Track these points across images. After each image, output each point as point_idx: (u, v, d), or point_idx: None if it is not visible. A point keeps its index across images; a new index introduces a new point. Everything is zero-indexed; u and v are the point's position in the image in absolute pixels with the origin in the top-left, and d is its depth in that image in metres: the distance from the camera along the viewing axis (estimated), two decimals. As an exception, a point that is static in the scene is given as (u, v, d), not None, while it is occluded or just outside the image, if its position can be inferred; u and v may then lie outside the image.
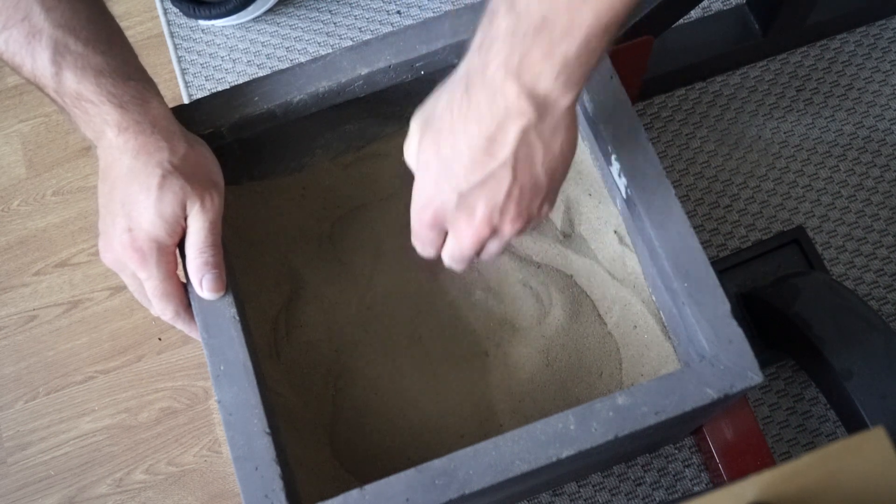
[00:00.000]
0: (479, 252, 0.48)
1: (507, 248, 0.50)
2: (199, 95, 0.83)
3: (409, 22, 0.95)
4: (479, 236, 0.46)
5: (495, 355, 0.64)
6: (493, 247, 0.48)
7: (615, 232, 0.63)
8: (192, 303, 0.53)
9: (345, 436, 0.61)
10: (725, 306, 0.51)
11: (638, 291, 0.62)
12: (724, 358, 0.49)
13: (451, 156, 0.43)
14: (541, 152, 0.42)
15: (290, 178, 0.68)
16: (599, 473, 0.77)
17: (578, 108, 0.61)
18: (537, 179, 0.43)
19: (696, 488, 0.76)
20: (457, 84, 0.42)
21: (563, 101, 0.41)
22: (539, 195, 0.44)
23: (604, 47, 0.39)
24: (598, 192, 0.64)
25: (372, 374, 0.63)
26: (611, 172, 0.57)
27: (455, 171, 0.43)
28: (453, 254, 0.48)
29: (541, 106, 0.40)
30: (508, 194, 0.43)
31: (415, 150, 0.47)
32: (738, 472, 0.65)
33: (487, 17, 0.40)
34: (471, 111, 0.41)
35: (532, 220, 0.46)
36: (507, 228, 0.45)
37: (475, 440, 0.49)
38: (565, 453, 0.47)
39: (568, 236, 0.65)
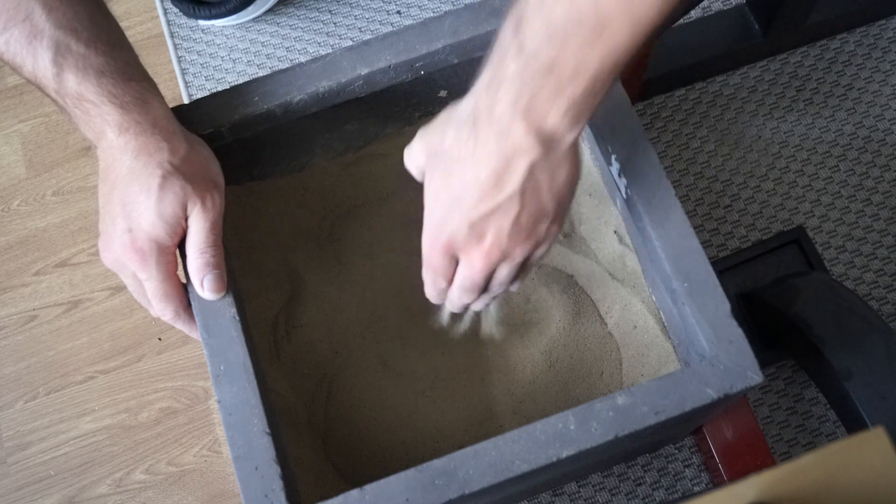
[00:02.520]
0: (489, 279, 0.49)
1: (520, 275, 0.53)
2: (199, 95, 0.83)
3: (409, 22, 0.95)
4: (490, 259, 0.47)
5: (496, 356, 0.64)
6: (503, 272, 0.49)
7: (615, 232, 0.63)
8: (192, 303, 0.53)
9: (337, 438, 0.61)
10: (725, 306, 0.51)
11: (638, 291, 0.62)
12: (724, 358, 0.49)
13: (460, 188, 0.45)
14: (547, 183, 0.44)
15: (290, 178, 0.68)
16: (599, 473, 0.77)
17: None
18: (544, 206, 0.45)
19: (696, 488, 0.76)
20: (465, 120, 0.44)
21: (569, 136, 0.42)
22: (546, 219, 0.46)
23: (610, 85, 0.41)
24: (598, 192, 0.64)
25: (369, 375, 0.63)
26: (611, 172, 0.57)
27: (465, 202, 0.45)
28: (464, 281, 0.50)
29: (547, 142, 0.42)
30: (516, 221, 0.45)
31: (418, 162, 0.49)
32: (738, 472, 0.65)
33: (497, 57, 0.42)
34: (479, 147, 0.43)
35: (541, 243, 0.48)
36: (517, 251, 0.47)
37: (475, 441, 0.49)
38: (565, 453, 0.47)
39: (568, 236, 0.65)
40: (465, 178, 0.44)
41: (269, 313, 0.64)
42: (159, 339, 0.85)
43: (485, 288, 0.51)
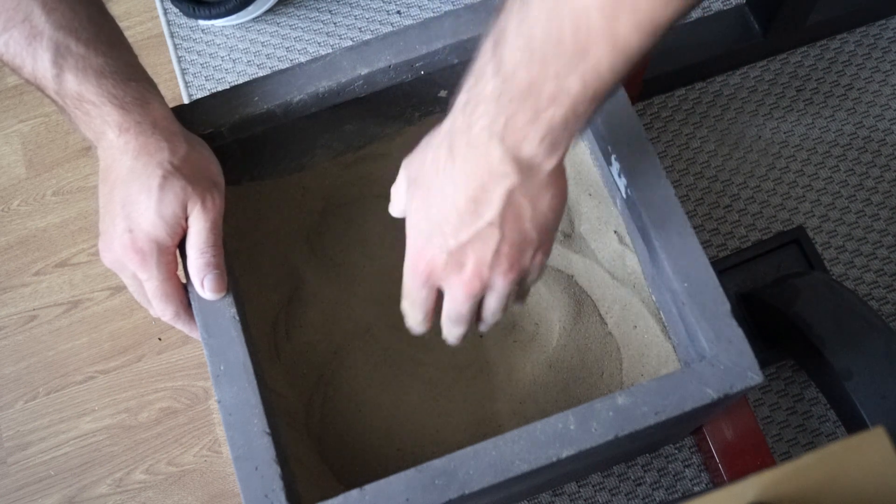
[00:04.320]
0: (477, 310, 0.48)
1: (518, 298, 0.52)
2: (199, 95, 0.83)
3: (409, 22, 0.95)
4: (471, 290, 0.45)
5: (496, 356, 0.64)
6: (491, 302, 0.47)
7: (615, 232, 0.63)
8: (192, 303, 0.53)
9: (333, 438, 0.61)
10: (725, 306, 0.51)
11: (638, 291, 0.62)
12: (724, 358, 0.49)
13: (438, 215, 0.43)
14: (529, 210, 0.42)
15: (290, 178, 0.68)
16: (599, 473, 0.77)
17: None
18: (527, 235, 0.43)
19: (696, 488, 0.76)
20: (441, 142, 0.42)
21: (548, 163, 0.41)
22: (530, 248, 0.44)
23: (592, 113, 0.39)
24: (598, 192, 0.64)
25: (368, 375, 0.63)
26: (611, 172, 0.57)
27: (443, 231, 0.43)
28: (450, 312, 0.48)
29: (525, 168, 0.40)
30: (497, 251, 0.43)
31: (402, 198, 0.48)
32: (738, 472, 0.65)
33: (474, 77, 0.40)
34: (455, 171, 0.41)
35: (527, 272, 0.46)
36: (500, 281, 0.45)
37: (474, 442, 0.49)
38: (565, 453, 0.47)
39: (568, 236, 0.65)
40: (443, 205, 0.43)
41: (269, 313, 0.64)
42: (159, 339, 0.85)
43: (479, 316, 0.49)
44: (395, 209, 0.50)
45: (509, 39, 0.37)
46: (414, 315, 0.50)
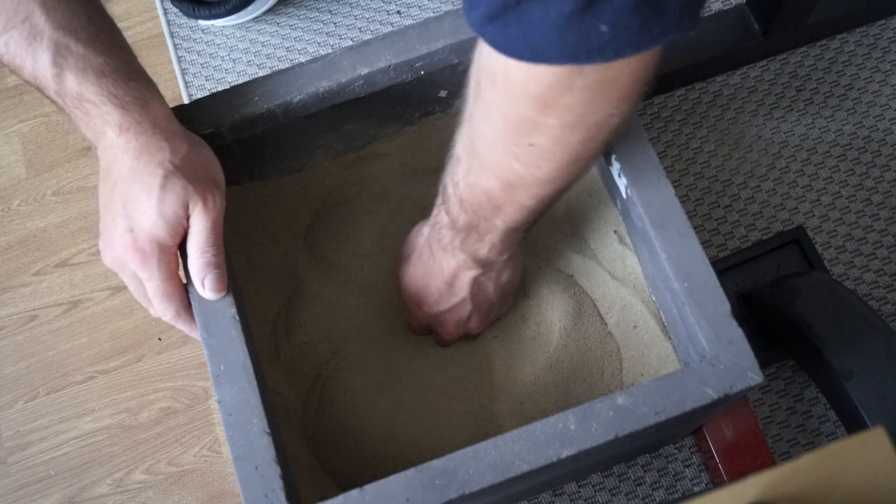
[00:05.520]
0: (454, 340, 0.64)
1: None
2: (199, 95, 0.83)
3: (409, 22, 0.95)
4: (452, 337, 0.63)
5: (496, 356, 0.64)
6: (472, 333, 0.63)
7: (615, 232, 0.63)
8: (193, 303, 0.53)
9: (328, 439, 0.61)
10: (725, 306, 0.51)
11: (638, 291, 0.62)
12: (724, 358, 0.49)
13: (424, 290, 0.59)
14: (491, 286, 0.58)
15: (290, 178, 0.68)
16: (599, 473, 0.77)
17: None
18: (492, 301, 0.60)
19: (696, 488, 0.76)
20: (424, 245, 0.58)
21: (501, 258, 0.56)
22: (496, 307, 0.61)
23: (527, 227, 0.53)
24: (598, 192, 0.64)
25: (366, 376, 0.63)
26: (611, 172, 0.57)
27: (429, 302, 0.59)
28: (439, 340, 0.64)
29: (484, 264, 0.56)
30: (469, 316, 0.60)
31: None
32: (738, 472, 0.65)
33: (436, 209, 0.55)
34: (435, 264, 0.57)
35: (497, 316, 0.63)
36: (474, 330, 0.62)
37: (474, 442, 0.49)
38: (565, 453, 0.47)
39: (568, 236, 0.65)
40: (428, 284, 0.58)
41: (269, 313, 0.64)
42: (159, 339, 0.85)
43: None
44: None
45: (450, 196, 0.52)
46: (418, 334, 0.65)
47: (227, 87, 0.75)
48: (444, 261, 0.56)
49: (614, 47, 0.36)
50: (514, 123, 0.43)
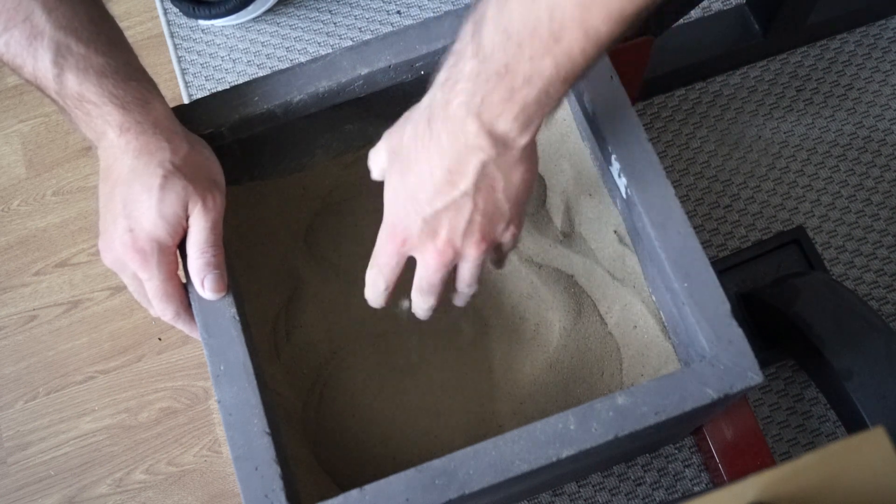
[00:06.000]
0: (444, 278, 0.49)
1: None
2: (199, 95, 0.83)
3: (409, 22, 0.95)
4: (443, 258, 0.48)
5: (496, 357, 0.64)
6: (464, 271, 0.50)
7: (615, 232, 0.63)
8: (193, 303, 0.53)
9: (328, 438, 0.61)
10: (725, 306, 0.51)
11: (638, 291, 0.62)
12: (724, 358, 0.49)
13: (415, 184, 0.45)
14: (501, 183, 0.45)
15: (290, 178, 0.68)
16: (599, 473, 0.77)
17: (578, 109, 0.61)
18: (499, 206, 0.46)
19: (696, 488, 0.76)
20: (420, 116, 0.45)
21: (521, 139, 0.43)
22: (502, 220, 0.47)
23: (563, 94, 0.42)
24: (598, 192, 0.64)
25: (365, 377, 0.63)
26: (611, 172, 0.57)
27: (419, 199, 0.45)
28: (421, 281, 0.50)
29: (499, 143, 0.43)
30: (470, 220, 0.46)
31: (380, 163, 0.50)
32: (738, 472, 0.65)
33: (454, 57, 0.42)
34: (433, 143, 0.44)
35: (499, 244, 0.49)
36: (471, 251, 0.47)
37: (474, 442, 0.49)
38: (565, 453, 0.47)
39: (568, 236, 0.65)
40: (421, 174, 0.45)
41: (269, 313, 0.64)
42: (159, 339, 0.85)
43: (454, 287, 0.51)
44: (374, 174, 0.52)
45: (489, 24, 0.40)
46: (377, 284, 0.51)
47: (227, 87, 0.75)
48: (448, 135, 0.43)
49: None
50: None
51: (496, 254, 0.50)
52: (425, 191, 0.45)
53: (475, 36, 0.41)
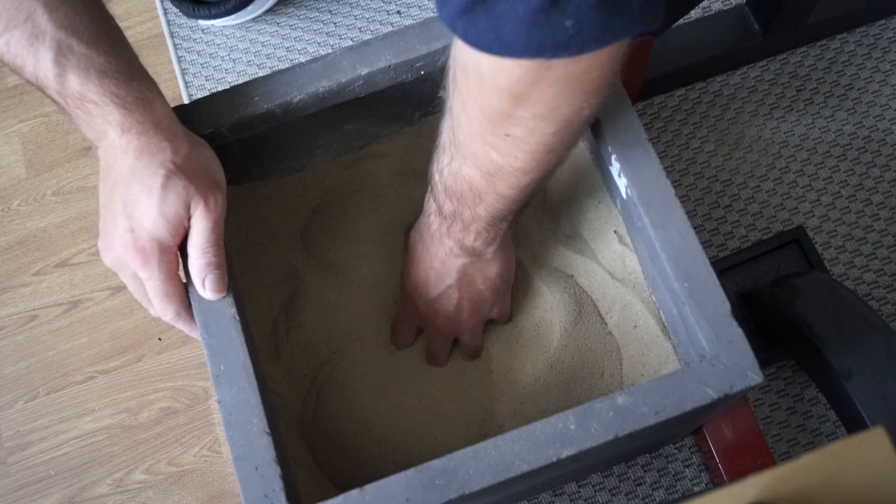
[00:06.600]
0: (447, 348, 0.64)
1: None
2: (199, 95, 0.83)
3: (409, 22, 0.95)
4: (442, 333, 0.62)
5: (496, 357, 0.64)
6: (464, 339, 0.63)
7: (615, 232, 0.63)
8: (193, 303, 0.53)
9: (322, 441, 0.61)
10: (725, 306, 0.51)
11: (638, 291, 0.62)
12: (724, 358, 0.49)
13: (416, 282, 0.61)
14: (480, 277, 0.59)
15: (290, 178, 0.68)
16: (599, 473, 0.77)
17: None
18: (482, 294, 0.60)
19: (696, 488, 0.76)
20: (417, 235, 0.60)
21: (489, 249, 0.57)
22: (486, 303, 0.61)
23: (512, 217, 0.54)
24: (598, 192, 0.64)
25: (367, 375, 0.63)
26: (611, 172, 0.57)
27: (420, 291, 0.61)
28: (429, 349, 0.64)
29: (472, 254, 0.57)
30: (458, 305, 0.61)
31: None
32: (738, 472, 0.65)
33: (428, 195, 0.57)
34: (426, 254, 0.59)
35: (490, 318, 0.63)
36: (464, 326, 0.62)
37: (474, 442, 0.49)
38: (565, 453, 0.47)
39: (568, 236, 0.65)
40: (419, 275, 0.60)
41: (269, 313, 0.64)
42: (159, 339, 0.85)
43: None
44: None
45: (435, 185, 0.54)
46: (398, 346, 0.65)
47: (227, 87, 0.75)
48: (433, 247, 0.58)
49: (578, 42, 0.37)
50: (488, 115, 0.44)
51: (497, 319, 0.64)
52: (424, 285, 0.61)
53: (432, 192, 0.55)
